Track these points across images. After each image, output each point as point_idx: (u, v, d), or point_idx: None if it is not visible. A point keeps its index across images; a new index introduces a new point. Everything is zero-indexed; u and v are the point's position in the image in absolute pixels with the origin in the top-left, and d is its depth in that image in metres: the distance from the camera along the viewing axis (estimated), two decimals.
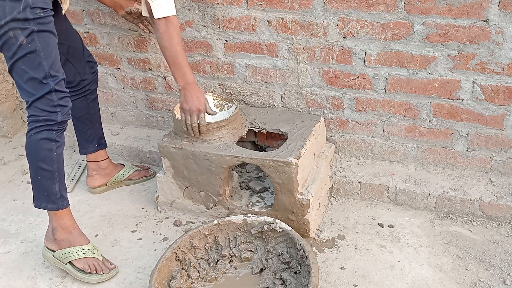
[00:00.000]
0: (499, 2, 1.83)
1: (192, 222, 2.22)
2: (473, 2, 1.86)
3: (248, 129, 2.22)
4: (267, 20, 2.18)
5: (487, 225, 2.07)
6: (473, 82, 2.01)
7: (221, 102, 2.27)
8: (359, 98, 2.21)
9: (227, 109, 2.24)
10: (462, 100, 2.06)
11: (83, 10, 2.52)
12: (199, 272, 1.87)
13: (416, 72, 2.07)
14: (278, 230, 1.86)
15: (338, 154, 2.39)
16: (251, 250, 1.93)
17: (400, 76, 2.10)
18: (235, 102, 2.22)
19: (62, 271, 1.98)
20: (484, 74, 1.98)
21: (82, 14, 2.53)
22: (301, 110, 2.35)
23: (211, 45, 2.35)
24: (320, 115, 2.31)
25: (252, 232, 1.91)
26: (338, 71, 2.18)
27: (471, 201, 2.08)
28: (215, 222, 1.91)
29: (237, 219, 1.92)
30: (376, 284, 1.83)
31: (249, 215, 1.92)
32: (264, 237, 1.91)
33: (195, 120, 2.01)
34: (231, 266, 1.92)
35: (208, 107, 2.05)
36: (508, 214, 2.04)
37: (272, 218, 1.89)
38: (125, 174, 2.48)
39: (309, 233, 2.05)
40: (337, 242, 2.05)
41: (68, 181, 2.52)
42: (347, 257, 1.96)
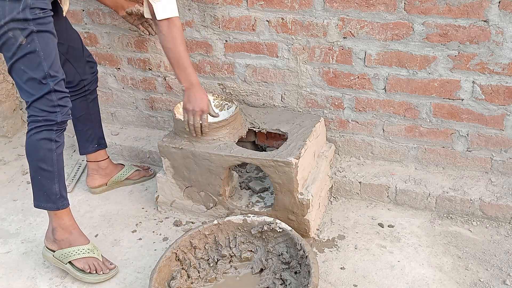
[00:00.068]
0: (499, 2, 1.83)
1: (192, 222, 2.22)
2: (473, 2, 1.86)
3: (248, 129, 2.22)
4: (267, 20, 2.18)
5: (487, 225, 2.07)
6: (473, 82, 2.01)
7: (221, 102, 2.27)
8: (359, 98, 2.21)
9: (227, 109, 2.24)
10: (462, 100, 2.06)
11: (83, 10, 2.52)
12: (199, 272, 1.87)
13: (416, 72, 2.06)
14: (278, 230, 1.86)
15: (338, 154, 2.39)
16: (251, 250, 1.93)
17: (400, 76, 2.10)
18: (235, 102, 2.22)
19: (62, 271, 1.98)
20: (484, 74, 1.98)
21: (82, 14, 2.53)
22: (301, 110, 2.35)
23: (211, 45, 2.35)
24: (320, 115, 2.31)
25: (252, 232, 1.91)
26: (338, 71, 2.18)
27: (471, 201, 2.08)
28: (215, 222, 1.91)
29: (237, 219, 1.92)
30: (376, 284, 1.83)
31: (249, 215, 1.92)
32: (264, 237, 1.91)
33: (197, 121, 2.01)
34: (231, 266, 1.92)
35: (211, 109, 2.05)
36: (508, 214, 2.04)
37: (272, 218, 1.89)
38: (125, 174, 2.48)
39: (309, 233, 2.05)
40: (337, 242, 2.05)
41: (68, 181, 2.52)
42: (347, 257, 1.96)
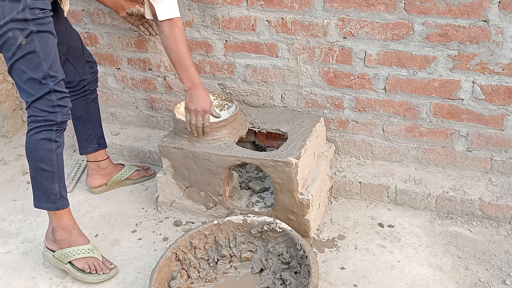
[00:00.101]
0: (499, 2, 1.83)
1: (192, 222, 2.22)
2: (473, 2, 1.86)
3: (248, 129, 2.21)
4: (267, 20, 2.18)
5: (487, 225, 2.07)
6: (473, 82, 2.01)
7: (221, 102, 2.27)
8: (359, 98, 2.21)
9: (227, 109, 2.24)
10: (462, 100, 2.06)
11: (83, 10, 2.52)
12: (199, 272, 1.87)
13: (416, 72, 2.06)
14: (278, 230, 1.86)
15: (338, 154, 2.39)
16: (251, 250, 1.93)
17: (400, 76, 2.10)
18: (235, 102, 2.22)
19: (62, 271, 1.98)
20: (484, 74, 1.98)
21: (82, 14, 2.53)
22: (301, 110, 2.35)
23: (211, 45, 2.35)
24: (320, 115, 2.31)
25: (252, 232, 1.91)
26: (338, 71, 2.18)
27: (471, 201, 2.08)
28: (215, 222, 1.91)
29: (237, 219, 1.92)
30: (376, 284, 1.83)
31: (249, 215, 1.92)
32: (264, 237, 1.91)
33: (200, 121, 2.01)
34: (231, 266, 1.91)
35: (213, 109, 2.06)
36: (508, 214, 2.04)
37: (272, 218, 1.89)
38: (125, 174, 2.48)
39: (309, 233, 2.05)
40: (337, 242, 2.05)
41: (68, 181, 2.52)
42: (347, 257, 1.96)
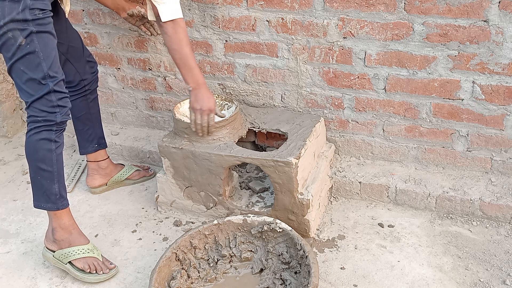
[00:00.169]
0: (499, 2, 1.83)
1: (192, 222, 2.22)
2: (473, 2, 1.86)
3: (248, 129, 2.21)
4: (267, 20, 2.18)
5: (487, 225, 2.07)
6: (473, 82, 2.01)
7: (221, 102, 2.27)
8: (359, 98, 2.21)
9: (227, 109, 2.24)
10: (462, 100, 2.06)
11: (83, 10, 2.52)
12: (199, 272, 1.87)
13: (416, 72, 2.06)
14: (278, 230, 1.86)
15: (338, 154, 2.39)
16: (251, 250, 1.93)
17: (400, 76, 2.10)
18: (235, 102, 2.22)
19: (62, 271, 1.98)
20: (484, 74, 1.98)
21: (82, 14, 2.53)
22: (301, 110, 2.35)
23: (211, 45, 2.35)
24: (320, 115, 2.31)
25: (252, 232, 1.91)
26: (338, 71, 2.18)
27: (471, 201, 2.08)
28: (215, 222, 1.91)
29: (237, 219, 1.92)
30: (376, 284, 1.83)
31: (249, 215, 1.92)
32: (264, 237, 1.91)
33: (205, 120, 2.01)
34: (231, 266, 1.91)
35: (217, 109, 2.06)
36: (508, 214, 2.04)
37: (272, 218, 1.89)
38: (125, 174, 2.48)
39: (309, 233, 2.05)
40: (337, 242, 2.05)
41: (68, 181, 2.52)
42: (347, 257, 1.96)
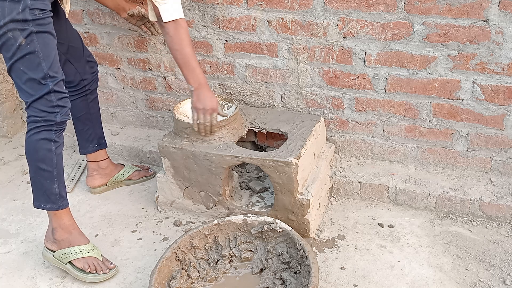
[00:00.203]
0: (499, 2, 1.83)
1: (192, 222, 2.22)
2: (473, 2, 1.86)
3: (248, 129, 2.21)
4: (267, 20, 2.18)
5: (487, 225, 2.07)
6: (473, 82, 2.01)
7: (221, 102, 2.27)
8: (359, 98, 2.21)
9: (227, 109, 2.24)
10: (462, 100, 2.06)
11: (83, 10, 2.52)
12: (199, 272, 1.87)
13: (416, 72, 2.06)
14: (278, 230, 1.86)
15: (338, 154, 2.39)
16: (251, 250, 1.93)
17: (400, 76, 2.10)
18: (235, 102, 2.22)
19: (62, 271, 1.98)
20: (484, 74, 1.98)
21: (82, 14, 2.53)
22: (301, 110, 2.35)
23: (211, 45, 2.35)
24: (320, 115, 2.31)
25: (252, 232, 1.91)
26: (338, 71, 2.18)
27: (471, 201, 2.08)
28: (215, 222, 1.91)
29: (237, 219, 1.92)
30: (376, 284, 1.83)
31: (249, 215, 1.92)
32: (264, 237, 1.91)
33: (208, 119, 2.01)
34: (231, 266, 1.91)
35: (220, 109, 2.06)
36: (508, 214, 2.04)
37: (272, 218, 1.89)
38: (125, 174, 2.48)
39: (309, 233, 2.05)
40: (337, 242, 2.05)
41: (68, 181, 2.52)
42: (347, 257, 1.96)
